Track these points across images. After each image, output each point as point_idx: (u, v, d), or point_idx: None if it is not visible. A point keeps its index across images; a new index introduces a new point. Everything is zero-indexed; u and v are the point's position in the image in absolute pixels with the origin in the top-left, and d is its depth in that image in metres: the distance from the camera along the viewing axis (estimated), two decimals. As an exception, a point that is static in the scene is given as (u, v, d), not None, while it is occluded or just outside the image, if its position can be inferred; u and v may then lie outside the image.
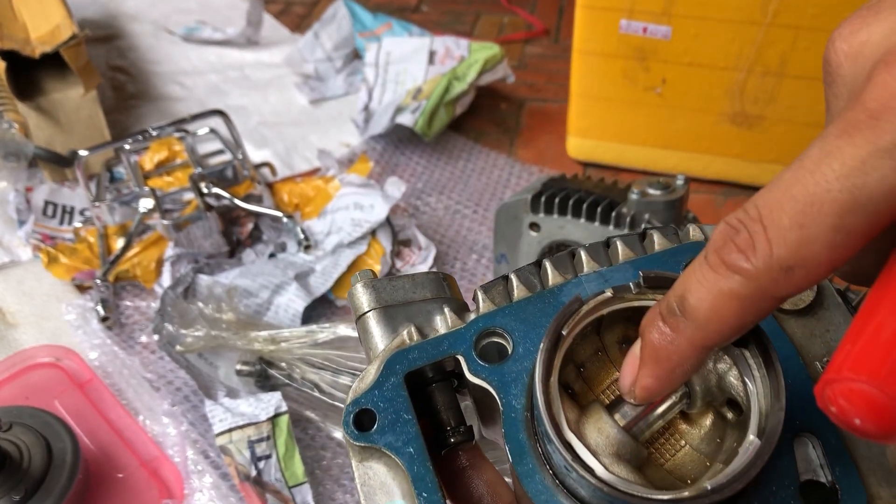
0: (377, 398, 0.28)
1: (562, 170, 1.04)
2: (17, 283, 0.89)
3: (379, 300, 0.31)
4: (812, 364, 0.28)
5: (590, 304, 0.27)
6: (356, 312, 0.31)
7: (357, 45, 1.33)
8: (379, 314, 0.31)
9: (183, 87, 1.30)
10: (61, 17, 1.06)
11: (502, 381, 0.28)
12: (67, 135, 1.04)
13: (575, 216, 0.71)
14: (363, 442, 0.28)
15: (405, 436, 0.28)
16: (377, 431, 0.28)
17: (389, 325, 0.30)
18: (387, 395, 0.28)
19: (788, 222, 0.21)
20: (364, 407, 0.28)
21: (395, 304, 0.31)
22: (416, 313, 0.30)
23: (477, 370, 0.28)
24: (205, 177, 0.92)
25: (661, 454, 0.28)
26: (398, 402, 0.28)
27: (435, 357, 0.29)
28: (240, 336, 0.69)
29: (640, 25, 0.94)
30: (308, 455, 0.70)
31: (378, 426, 0.28)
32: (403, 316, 0.31)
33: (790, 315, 0.28)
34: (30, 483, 0.61)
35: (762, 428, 0.24)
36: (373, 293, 0.31)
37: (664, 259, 0.29)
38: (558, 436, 0.24)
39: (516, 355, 0.28)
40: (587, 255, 0.30)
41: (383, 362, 0.29)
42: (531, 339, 0.28)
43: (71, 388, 0.74)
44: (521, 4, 1.56)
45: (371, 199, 0.89)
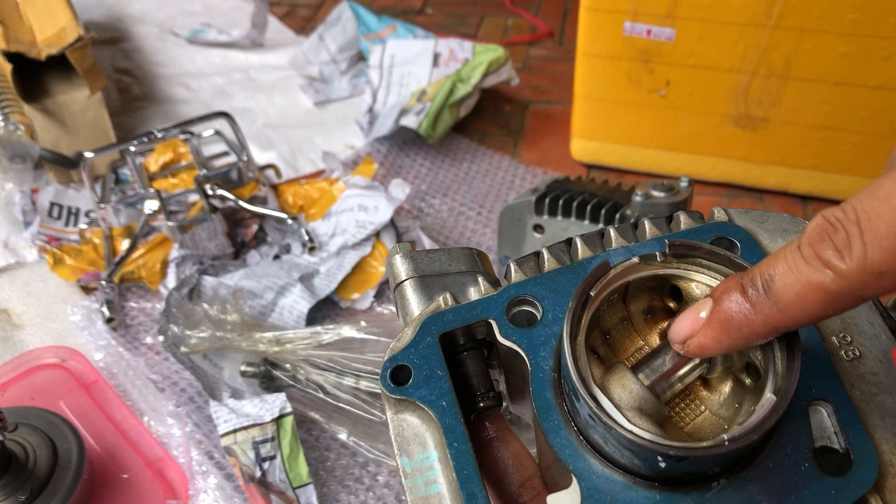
0: (413, 355, 0.30)
1: (566, 172, 1.04)
2: (22, 285, 0.90)
3: (416, 270, 0.33)
4: (829, 339, 0.29)
5: (617, 268, 0.28)
6: (394, 280, 0.33)
7: (361, 47, 1.33)
8: (416, 283, 0.33)
9: (188, 89, 1.30)
10: (67, 19, 1.06)
11: (531, 344, 0.29)
12: (73, 136, 1.04)
13: (579, 218, 0.72)
14: (399, 395, 0.30)
15: (438, 390, 0.29)
16: (412, 385, 0.30)
17: (426, 294, 0.33)
18: (422, 353, 0.30)
19: (886, 231, 0.22)
20: (400, 363, 0.30)
21: (431, 274, 0.33)
22: (451, 283, 0.32)
23: (508, 333, 0.30)
24: (210, 178, 0.93)
25: (682, 418, 0.29)
26: (432, 360, 0.30)
27: (468, 320, 0.31)
28: (244, 337, 0.69)
29: (645, 28, 0.94)
30: (312, 456, 0.70)
31: (413, 381, 0.30)
32: (439, 286, 0.33)
33: None
34: (35, 483, 0.61)
35: (778, 387, 0.25)
36: (411, 263, 0.33)
37: (690, 235, 0.31)
38: (585, 388, 0.25)
39: (545, 321, 0.30)
40: (616, 233, 0.32)
41: (419, 323, 0.31)
42: (560, 306, 0.30)
43: (76, 389, 0.75)
44: (525, 7, 1.56)
45: (375, 201, 0.89)
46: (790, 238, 0.30)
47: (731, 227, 0.31)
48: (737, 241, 0.30)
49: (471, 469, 0.27)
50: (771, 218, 0.32)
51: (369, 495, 0.68)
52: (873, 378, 0.28)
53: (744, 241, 0.30)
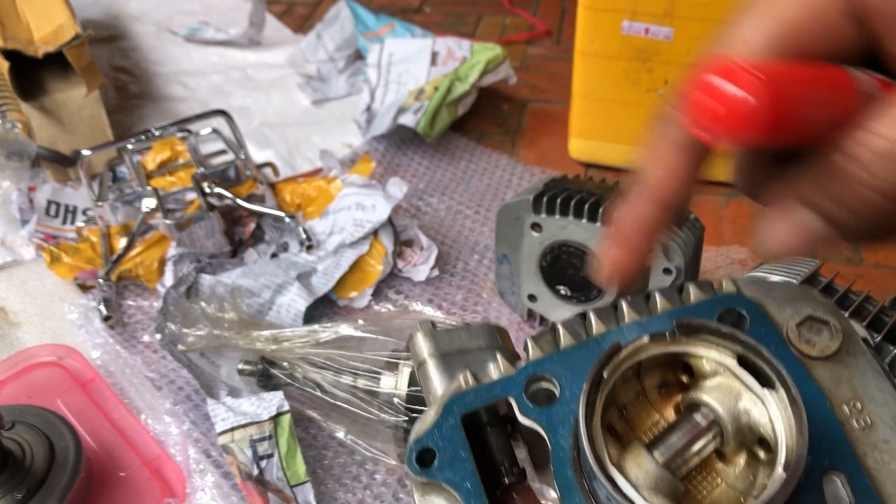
0: (437, 437, 0.31)
1: (564, 170, 1.04)
2: (19, 283, 0.90)
3: (437, 348, 0.34)
4: (840, 407, 0.30)
5: (628, 348, 0.29)
6: (416, 360, 0.35)
7: (359, 45, 1.33)
8: (437, 361, 0.34)
9: (186, 87, 1.30)
10: (64, 17, 1.06)
11: (551, 422, 0.30)
12: (70, 135, 1.04)
13: (577, 217, 0.72)
14: (425, 478, 0.30)
15: (463, 472, 0.30)
16: (437, 468, 0.30)
17: (447, 372, 0.34)
18: (445, 435, 0.31)
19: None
20: (425, 446, 0.31)
21: (452, 352, 0.34)
22: (471, 361, 0.34)
23: (527, 412, 0.31)
24: (207, 177, 0.92)
25: (699, 491, 0.29)
26: (456, 441, 0.31)
27: (489, 400, 0.31)
28: (242, 336, 0.69)
29: (643, 27, 0.94)
30: (310, 454, 0.70)
31: (438, 463, 0.30)
32: (460, 363, 0.34)
33: (817, 361, 0.30)
34: (32, 482, 0.61)
35: (789, 462, 0.26)
36: (432, 342, 0.34)
37: (700, 310, 0.32)
38: (601, 470, 0.26)
39: (563, 399, 0.31)
40: (628, 307, 0.33)
41: (442, 405, 0.32)
42: (577, 383, 0.31)
43: (73, 387, 0.75)
44: (523, 6, 1.56)
45: (373, 200, 0.89)
46: (798, 306, 0.31)
47: (739, 300, 0.32)
48: (745, 312, 0.31)
49: None
50: (778, 287, 0.33)
51: (367, 493, 0.68)
52: (885, 446, 0.29)
53: (752, 313, 0.31)
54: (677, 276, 0.70)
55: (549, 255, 0.75)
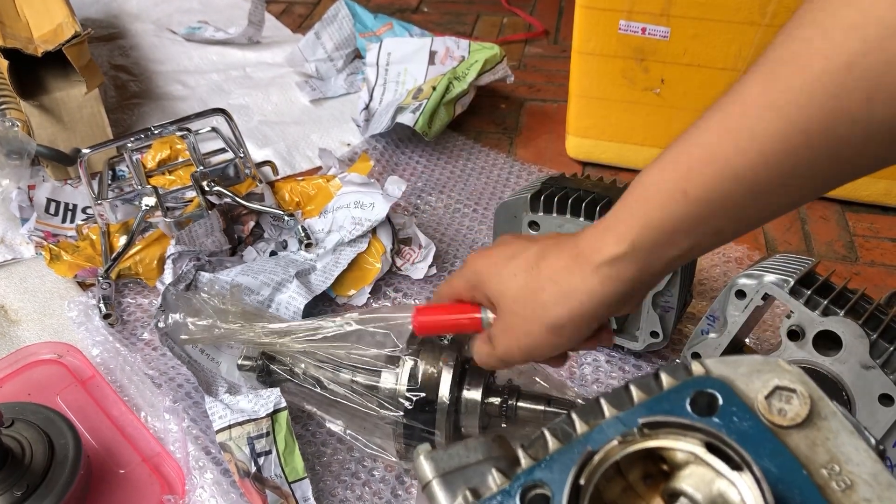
0: None
1: (561, 169, 1.04)
2: (19, 281, 0.90)
3: (438, 469, 0.36)
4: (818, 472, 0.30)
5: (601, 453, 0.31)
6: (421, 482, 0.37)
7: (358, 45, 1.33)
8: (440, 482, 0.36)
9: (185, 86, 1.30)
10: (64, 16, 1.06)
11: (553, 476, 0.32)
12: (70, 133, 1.04)
13: (574, 215, 0.72)
14: None
15: None
16: None
17: (450, 489, 0.36)
18: None
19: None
20: None
21: (452, 470, 0.36)
22: (471, 476, 0.36)
23: None
24: (207, 175, 0.93)
25: None
26: None
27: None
28: (246, 328, 0.69)
29: (640, 26, 0.95)
30: (309, 451, 0.70)
31: None
32: (461, 480, 0.36)
33: (790, 429, 0.31)
34: (32, 479, 0.62)
35: None
36: (433, 463, 0.37)
37: (672, 396, 0.33)
38: None
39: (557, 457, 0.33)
40: (607, 403, 0.34)
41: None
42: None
43: (73, 385, 0.75)
44: (520, 5, 1.57)
45: (372, 198, 0.89)
46: (764, 378, 0.32)
47: (709, 381, 0.33)
48: (716, 392, 0.32)
49: None
50: (744, 363, 0.34)
51: (365, 490, 0.68)
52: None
53: (722, 392, 0.32)
54: (674, 274, 0.70)
55: (546, 253, 0.76)
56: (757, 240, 0.96)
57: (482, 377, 0.63)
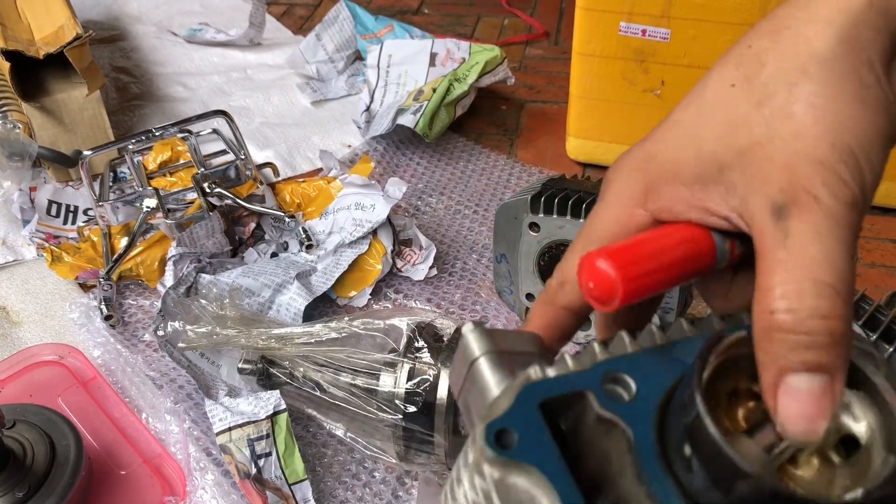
0: (514, 421, 0.29)
1: (561, 170, 1.04)
2: (21, 282, 0.90)
3: (493, 346, 0.33)
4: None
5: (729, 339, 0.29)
6: (469, 357, 0.33)
7: (359, 46, 1.34)
8: (493, 358, 0.32)
9: (186, 87, 1.30)
10: (65, 18, 1.06)
11: (631, 417, 0.29)
12: (71, 135, 1.05)
13: (574, 216, 0.72)
14: (505, 458, 0.28)
15: (546, 455, 0.28)
16: (517, 450, 0.29)
17: (502, 370, 0.32)
18: (523, 420, 0.29)
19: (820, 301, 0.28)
20: (504, 427, 0.29)
21: (506, 351, 0.33)
22: (525, 364, 0.32)
23: (607, 405, 0.30)
24: (208, 177, 0.93)
25: None
26: (536, 426, 0.29)
27: (565, 390, 0.30)
28: (244, 333, 0.69)
29: (640, 27, 0.95)
30: (310, 453, 0.71)
31: (518, 445, 0.29)
32: (515, 364, 0.32)
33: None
34: (33, 480, 0.62)
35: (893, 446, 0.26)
36: (488, 339, 0.33)
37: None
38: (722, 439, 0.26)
39: (640, 397, 0.30)
40: (688, 325, 0.33)
41: (516, 391, 0.30)
42: (651, 384, 0.30)
43: (74, 386, 0.75)
44: (521, 7, 1.57)
45: (372, 200, 0.89)
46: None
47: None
48: None
49: None
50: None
51: (366, 491, 0.68)
52: None
53: None
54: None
55: (546, 255, 0.76)
56: (757, 241, 0.96)
57: (482, 379, 0.63)
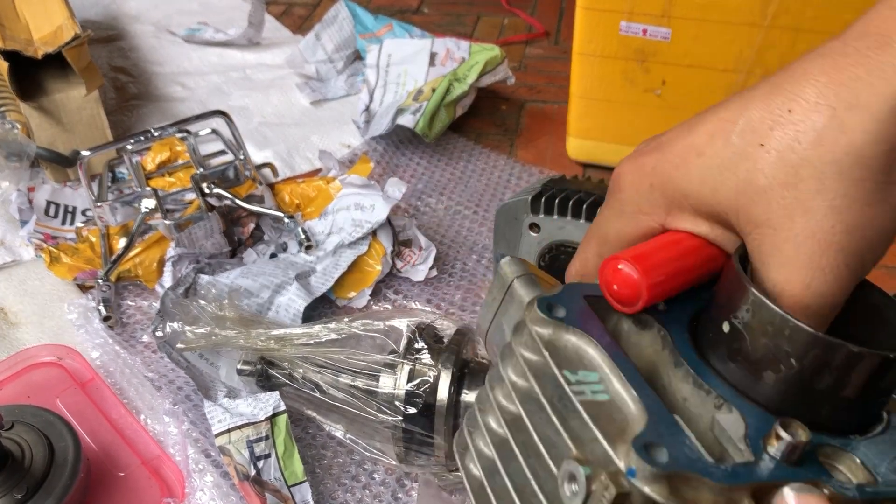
0: (563, 300, 0.32)
1: (562, 171, 1.04)
2: (19, 283, 0.90)
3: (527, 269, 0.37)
4: None
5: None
6: (506, 281, 0.37)
7: (358, 46, 1.33)
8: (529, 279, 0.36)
9: (185, 87, 1.30)
10: (64, 17, 1.06)
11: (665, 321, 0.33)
12: (69, 135, 1.04)
13: (575, 217, 0.72)
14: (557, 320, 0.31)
15: (594, 327, 0.31)
16: (567, 319, 0.31)
17: (539, 287, 0.36)
18: (571, 301, 0.32)
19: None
20: (555, 302, 0.32)
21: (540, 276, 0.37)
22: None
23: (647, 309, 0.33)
24: (206, 177, 0.93)
25: None
26: (582, 307, 0.32)
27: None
28: (243, 334, 0.69)
29: (640, 27, 0.95)
30: (309, 454, 0.70)
31: (567, 316, 0.31)
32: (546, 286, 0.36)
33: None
34: (31, 481, 0.61)
35: None
36: (521, 265, 0.37)
37: None
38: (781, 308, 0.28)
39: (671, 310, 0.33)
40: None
41: (562, 286, 0.33)
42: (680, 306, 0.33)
43: (73, 387, 0.75)
44: (521, 6, 1.57)
45: (372, 200, 0.89)
46: None
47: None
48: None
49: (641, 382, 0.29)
50: None
51: (365, 493, 0.68)
52: None
53: None
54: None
55: (547, 255, 0.75)
56: (758, 241, 0.96)
57: (482, 380, 0.63)
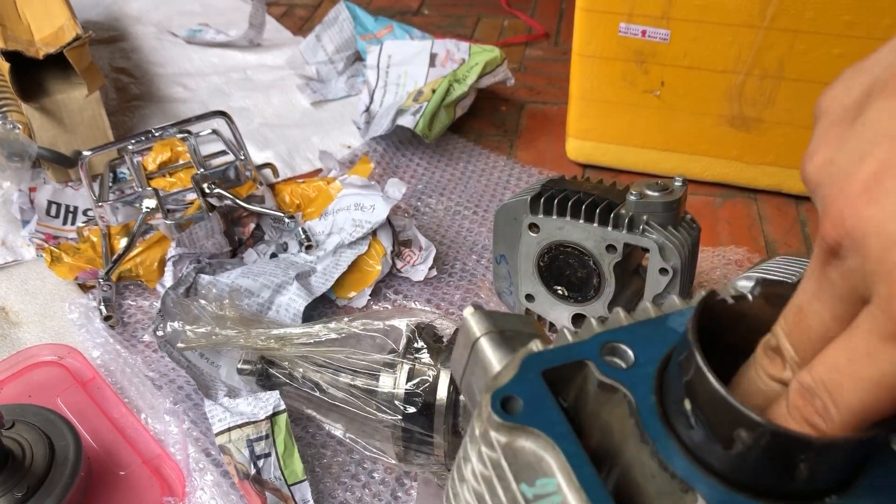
0: (519, 389, 0.30)
1: (561, 171, 1.05)
2: (20, 283, 0.90)
3: (494, 326, 0.34)
4: None
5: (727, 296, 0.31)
6: (471, 338, 0.35)
7: (359, 47, 1.34)
8: (495, 337, 0.34)
9: (186, 88, 1.30)
10: (65, 18, 1.06)
11: (631, 381, 0.31)
12: (71, 135, 1.05)
13: (574, 217, 0.72)
14: (512, 422, 0.30)
15: (552, 419, 0.30)
16: (523, 415, 0.30)
17: (503, 348, 0.34)
18: (528, 388, 0.31)
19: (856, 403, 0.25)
20: (509, 394, 0.30)
21: (506, 331, 0.35)
22: (525, 343, 0.33)
23: (607, 372, 0.31)
24: (207, 177, 0.93)
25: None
26: (540, 393, 0.30)
27: (567, 359, 0.32)
28: (243, 334, 0.69)
29: (640, 28, 0.95)
30: (309, 453, 0.70)
31: (524, 411, 0.30)
32: (516, 342, 0.34)
33: None
34: (32, 480, 0.62)
35: None
36: (488, 320, 0.35)
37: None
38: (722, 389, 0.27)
39: (639, 363, 0.31)
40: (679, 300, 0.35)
41: (519, 361, 0.31)
42: (648, 352, 0.32)
43: (73, 387, 0.75)
44: (521, 8, 1.57)
45: (372, 200, 0.89)
46: None
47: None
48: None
49: (600, 490, 0.28)
50: None
51: (365, 492, 0.68)
52: None
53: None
54: (673, 276, 0.70)
55: (546, 256, 0.76)
56: (757, 242, 0.96)
57: (481, 379, 0.63)
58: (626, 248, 0.71)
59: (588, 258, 0.73)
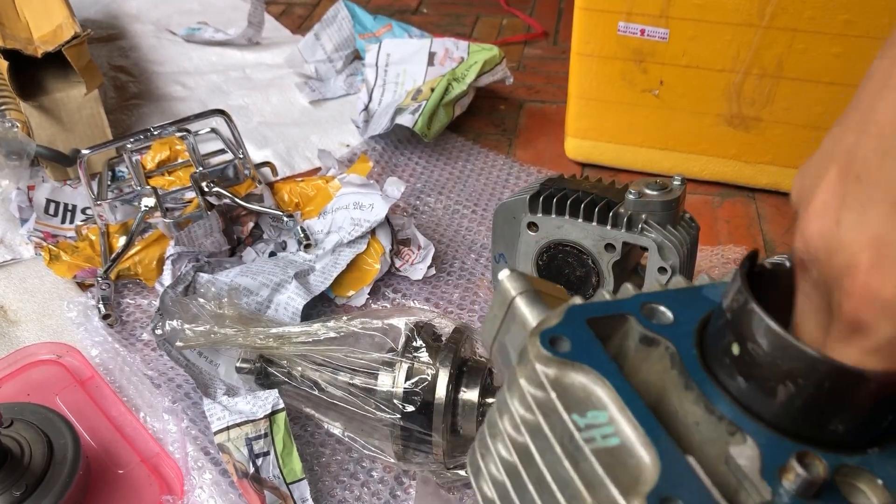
0: (566, 331, 0.31)
1: (560, 170, 1.05)
2: (19, 281, 0.90)
3: (531, 286, 0.35)
4: None
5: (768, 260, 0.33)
6: (508, 296, 0.35)
7: (357, 46, 1.34)
8: (531, 296, 0.35)
9: (185, 87, 1.30)
10: (64, 16, 1.06)
11: (673, 335, 0.32)
12: (69, 134, 1.05)
13: (573, 216, 0.72)
14: (562, 357, 0.30)
15: (600, 360, 0.30)
16: (572, 353, 0.30)
17: (541, 305, 0.34)
18: (574, 331, 0.31)
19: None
20: (556, 334, 0.31)
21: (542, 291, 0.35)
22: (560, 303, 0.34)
23: (648, 325, 0.32)
24: (206, 176, 0.93)
25: None
26: (586, 336, 0.31)
27: (609, 311, 0.33)
28: (242, 333, 0.69)
29: (639, 27, 0.95)
30: (308, 452, 0.71)
31: (572, 350, 0.31)
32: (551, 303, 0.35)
33: None
34: (31, 479, 0.62)
35: None
36: (525, 280, 0.35)
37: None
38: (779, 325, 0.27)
39: (678, 322, 0.32)
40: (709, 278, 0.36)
41: (564, 309, 0.32)
42: (687, 313, 0.33)
43: (72, 385, 0.75)
44: (520, 7, 1.57)
45: (371, 199, 0.89)
46: None
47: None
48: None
49: (652, 421, 0.28)
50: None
51: (364, 490, 0.68)
52: None
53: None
54: (672, 275, 0.70)
55: (545, 254, 0.76)
56: (755, 241, 0.96)
57: (479, 378, 0.63)
58: (625, 247, 0.71)
59: (587, 257, 0.73)
